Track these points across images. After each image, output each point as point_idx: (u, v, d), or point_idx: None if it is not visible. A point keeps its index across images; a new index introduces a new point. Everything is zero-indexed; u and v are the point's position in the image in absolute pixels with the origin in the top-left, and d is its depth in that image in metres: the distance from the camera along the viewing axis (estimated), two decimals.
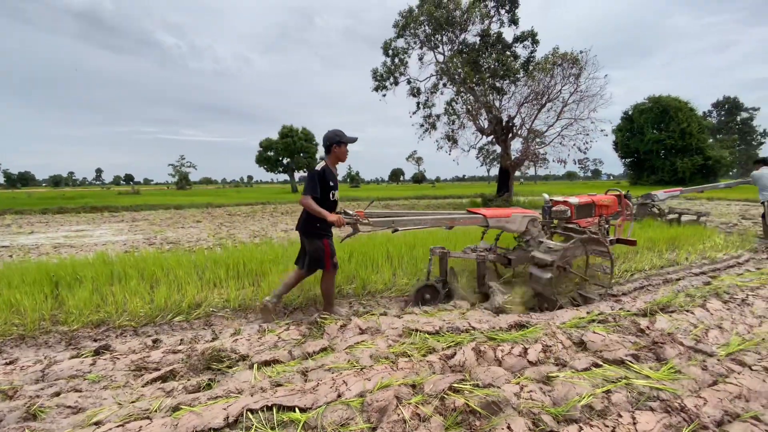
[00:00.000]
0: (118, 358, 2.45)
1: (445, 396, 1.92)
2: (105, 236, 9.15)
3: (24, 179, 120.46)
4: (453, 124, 18.11)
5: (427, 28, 17.12)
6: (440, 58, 17.90)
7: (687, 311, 3.25)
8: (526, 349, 2.46)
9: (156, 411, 1.81)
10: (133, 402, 1.95)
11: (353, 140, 3.28)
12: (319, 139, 42.07)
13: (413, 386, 2.02)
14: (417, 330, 2.74)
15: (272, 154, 40.09)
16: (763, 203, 7.04)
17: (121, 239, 8.54)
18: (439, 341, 2.62)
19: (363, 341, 2.60)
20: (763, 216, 7.18)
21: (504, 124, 17.46)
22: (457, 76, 16.54)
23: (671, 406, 1.87)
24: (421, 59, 17.83)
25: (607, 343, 2.60)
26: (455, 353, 2.39)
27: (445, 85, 17.63)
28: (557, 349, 2.51)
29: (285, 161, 40.80)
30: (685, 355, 2.49)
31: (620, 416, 1.79)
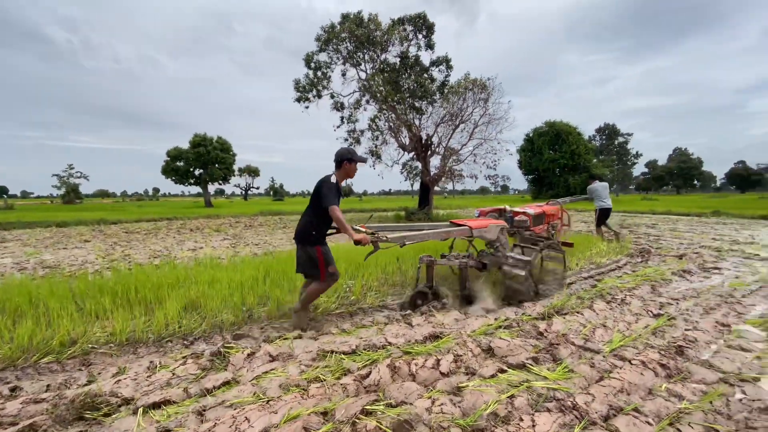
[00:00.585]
0: None
1: (357, 420, 1.84)
2: None
3: None
4: (377, 140, 18.53)
5: (349, 44, 17.42)
6: (362, 75, 18.30)
7: (578, 312, 3.64)
8: (438, 361, 2.50)
9: None
10: None
11: (364, 160, 3.44)
12: (236, 149, 39.78)
13: (324, 414, 1.90)
14: (333, 351, 2.63)
15: (182, 164, 36.76)
16: (595, 210, 8.66)
17: None
18: (355, 361, 2.54)
19: (273, 369, 2.41)
20: (597, 220, 8.72)
21: (423, 142, 18.36)
22: (378, 94, 17.02)
23: (565, 405, 2.02)
24: (344, 75, 18.04)
25: (512, 347, 2.76)
26: (370, 372, 2.32)
27: (368, 101, 18.02)
28: (467, 357, 2.60)
29: (197, 172, 37.70)
30: (576, 354, 2.75)
31: (521, 420, 1.89)
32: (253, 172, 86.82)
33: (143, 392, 2.19)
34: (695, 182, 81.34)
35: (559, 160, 45.57)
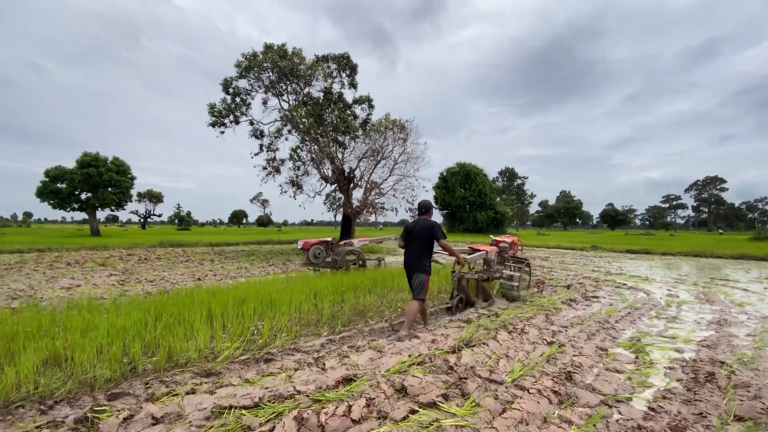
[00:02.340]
0: None
1: None
2: None
3: None
4: (298, 170, 18.24)
5: (271, 74, 17.25)
6: (285, 105, 18.16)
7: (484, 344, 3.82)
8: (350, 407, 2.37)
9: None
10: None
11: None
12: (137, 171, 35.64)
13: None
14: (231, 407, 2.33)
15: (65, 186, 31.63)
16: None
17: None
18: (257, 416, 2.28)
19: None
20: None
21: (346, 174, 18.59)
22: (302, 125, 16.96)
23: None
24: (265, 103, 17.68)
25: (423, 385, 2.76)
26: (274, 427, 2.10)
27: (290, 131, 17.81)
28: (380, 400, 2.52)
29: (83, 196, 32.67)
30: (482, 386, 2.85)
31: None
32: (155, 197, 78.09)
33: None
34: (577, 220, 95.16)
35: (469, 198, 49.71)
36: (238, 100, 17.14)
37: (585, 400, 2.68)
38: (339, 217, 20.79)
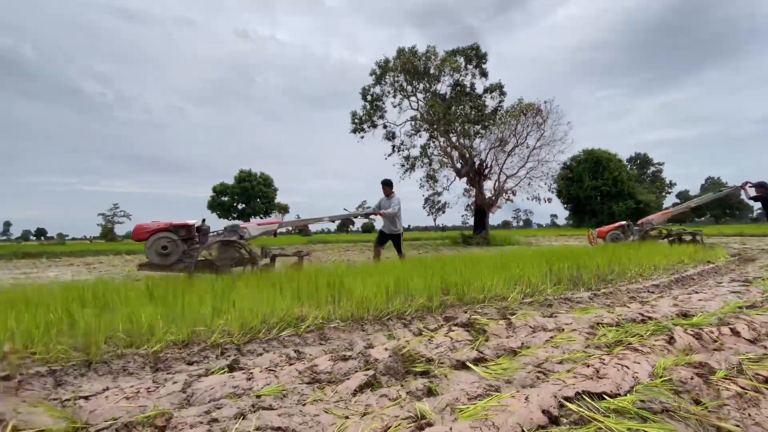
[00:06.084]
0: (272, 372, 1.83)
1: None
2: (65, 275, 7.69)
3: None
4: (430, 165, 18.72)
5: (402, 77, 18.11)
6: (414, 105, 18.87)
7: None
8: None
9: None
10: (367, 414, 1.40)
11: None
12: (278, 183, 41.29)
13: None
14: (600, 323, 2.41)
15: (227, 199, 38.28)
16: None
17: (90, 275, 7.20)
18: (647, 330, 2.31)
19: None
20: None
21: (477, 167, 18.38)
22: (435, 123, 17.37)
23: None
24: (398, 105, 18.62)
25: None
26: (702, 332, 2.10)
27: (426, 129, 18.41)
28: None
29: (240, 207, 39.03)
30: None
31: None
32: (283, 209, 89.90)
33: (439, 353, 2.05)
34: (735, 211, 76.10)
35: (601, 188, 44.35)
36: (375, 105, 18.44)
37: None
38: (440, 221, 20.72)
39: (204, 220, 5.06)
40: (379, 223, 6.88)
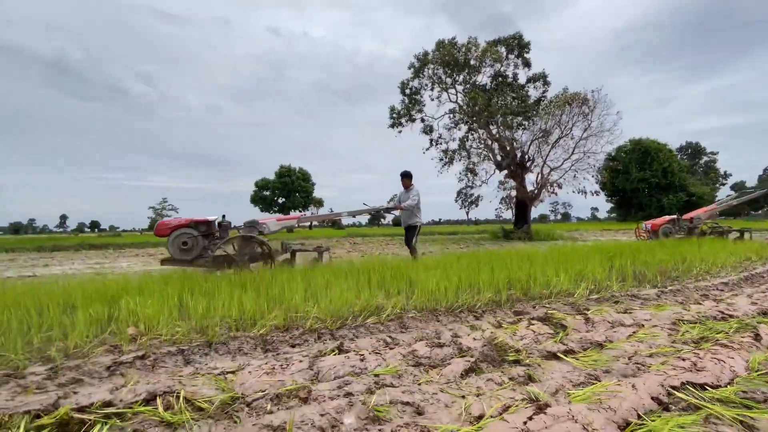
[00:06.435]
0: (378, 354, 2.04)
1: None
2: (135, 266, 8.44)
3: None
4: (469, 158, 18.53)
5: (441, 69, 17.94)
6: (453, 98, 18.68)
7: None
8: None
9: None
10: (481, 394, 1.58)
11: None
12: (315, 178, 42.36)
13: None
14: (681, 320, 2.45)
15: (268, 193, 39.73)
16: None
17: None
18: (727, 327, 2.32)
19: None
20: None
21: (519, 159, 17.98)
22: (475, 115, 17.15)
23: None
24: (437, 98, 18.50)
25: None
26: None
27: (463, 122, 18.23)
28: None
29: (280, 201, 40.41)
30: None
31: None
32: (317, 202, 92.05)
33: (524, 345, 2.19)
34: None
35: (650, 179, 41.90)
36: (414, 99, 18.44)
37: None
38: (473, 215, 20.36)
39: (224, 216, 5.11)
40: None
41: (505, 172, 18.82)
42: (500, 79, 17.70)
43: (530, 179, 18.52)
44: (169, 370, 2.13)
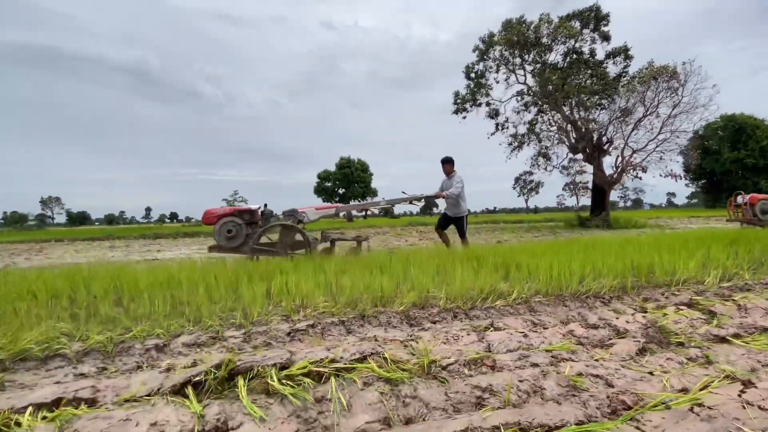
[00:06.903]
0: (535, 332, 2.16)
1: None
2: None
3: (82, 218, 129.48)
4: (539, 142, 17.70)
5: (509, 50, 17.19)
6: (522, 79, 17.86)
7: None
8: None
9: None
10: (667, 372, 1.63)
11: None
12: (373, 168, 43.07)
13: None
14: None
15: (330, 184, 41.18)
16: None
17: None
18: None
19: None
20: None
21: (595, 141, 16.82)
22: (547, 96, 16.28)
23: None
24: (505, 80, 17.81)
25: None
26: None
27: (534, 104, 17.43)
28: None
29: (340, 191, 41.70)
30: None
31: None
32: (371, 192, 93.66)
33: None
34: None
35: (745, 160, 36.88)
36: (480, 82, 17.93)
37: None
38: (531, 203, 19.23)
39: (266, 205, 5.23)
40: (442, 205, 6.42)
41: (570, 156, 17.76)
42: (575, 56, 16.55)
43: (607, 162, 17.29)
44: (335, 338, 2.43)
